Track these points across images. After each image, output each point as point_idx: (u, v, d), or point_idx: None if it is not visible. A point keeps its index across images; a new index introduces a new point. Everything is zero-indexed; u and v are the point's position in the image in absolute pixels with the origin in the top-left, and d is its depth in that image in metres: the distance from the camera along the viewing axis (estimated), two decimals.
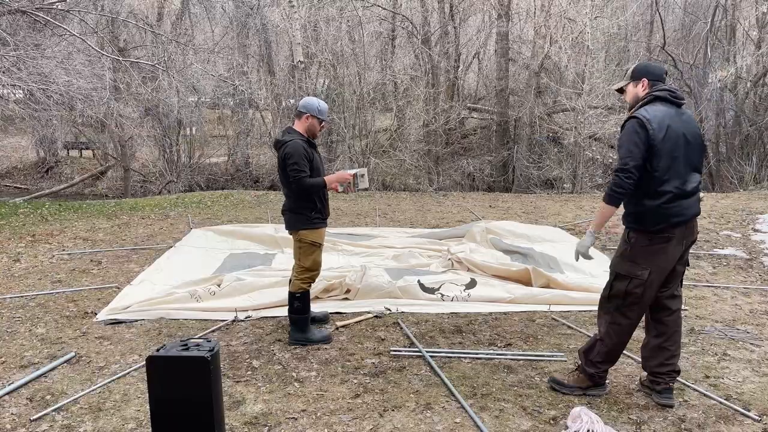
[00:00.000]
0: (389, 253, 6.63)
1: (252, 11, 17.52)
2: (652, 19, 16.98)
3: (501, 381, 3.66)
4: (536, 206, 10.49)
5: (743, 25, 15.85)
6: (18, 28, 10.43)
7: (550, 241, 7.28)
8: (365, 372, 3.79)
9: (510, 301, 5.13)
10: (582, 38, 13.83)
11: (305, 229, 4.18)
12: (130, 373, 3.76)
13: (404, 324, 4.63)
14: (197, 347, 2.77)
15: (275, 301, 4.97)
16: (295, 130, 4.22)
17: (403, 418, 3.21)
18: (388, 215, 9.51)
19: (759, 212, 8.99)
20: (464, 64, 18.38)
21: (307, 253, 4.22)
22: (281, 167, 4.14)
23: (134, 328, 4.54)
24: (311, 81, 15.71)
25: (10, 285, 5.68)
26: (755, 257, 6.72)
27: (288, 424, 3.16)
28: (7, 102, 11.23)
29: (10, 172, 19.19)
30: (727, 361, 3.95)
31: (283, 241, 6.99)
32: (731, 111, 14.81)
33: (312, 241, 4.20)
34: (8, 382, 3.64)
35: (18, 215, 9.34)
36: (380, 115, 15.95)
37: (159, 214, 9.48)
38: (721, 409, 3.30)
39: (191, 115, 16.48)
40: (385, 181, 14.69)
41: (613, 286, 3.33)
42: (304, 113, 4.20)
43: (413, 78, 15.39)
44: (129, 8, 16.43)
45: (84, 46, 11.67)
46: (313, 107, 4.18)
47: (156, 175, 16.44)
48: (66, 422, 3.19)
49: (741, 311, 4.94)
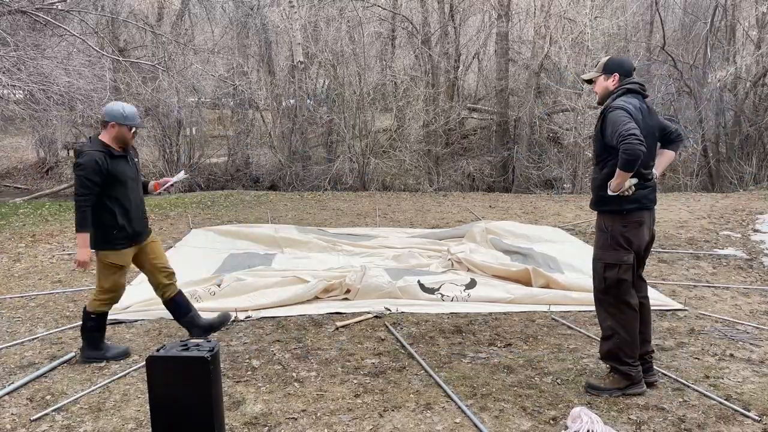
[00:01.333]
0: (389, 254, 6.63)
1: (252, 11, 17.51)
2: (652, 20, 16.97)
3: (501, 381, 3.66)
4: (536, 206, 10.49)
5: (743, 25, 15.84)
6: (18, 28, 10.43)
7: (550, 242, 7.28)
8: (365, 372, 3.79)
9: (510, 301, 5.14)
10: (582, 38, 13.83)
11: (105, 249, 3.81)
12: (130, 373, 3.76)
13: (400, 326, 4.63)
14: (197, 347, 2.78)
15: (275, 302, 4.98)
16: (97, 140, 3.79)
17: (403, 418, 3.21)
18: (388, 215, 9.51)
19: (759, 212, 8.99)
20: (464, 64, 18.37)
21: (106, 273, 3.86)
22: None
23: (134, 328, 4.54)
24: (311, 81, 15.71)
25: (10, 285, 5.68)
26: (755, 257, 6.71)
27: (288, 424, 3.16)
28: (7, 102, 11.23)
29: (10, 172, 19.18)
30: (727, 361, 3.95)
31: (284, 242, 7.00)
32: (731, 111, 14.81)
33: (111, 263, 3.83)
34: (8, 382, 3.64)
35: (18, 215, 9.34)
36: (380, 115, 15.94)
37: (159, 214, 9.47)
38: (721, 409, 3.30)
39: (191, 115, 16.47)
40: (385, 181, 14.69)
41: (606, 278, 3.39)
42: (108, 122, 3.79)
43: (413, 78, 15.39)
44: (129, 8, 16.43)
45: (84, 47, 11.67)
46: (117, 114, 3.76)
47: (156, 175, 16.42)
48: (66, 422, 3.19)
49: (741, 311, 4.94)
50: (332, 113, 15.15)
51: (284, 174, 14.99)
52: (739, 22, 15.72)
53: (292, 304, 5.00)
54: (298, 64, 14.73)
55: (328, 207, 10.33)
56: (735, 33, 15.68)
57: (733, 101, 14.76)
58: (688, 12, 17.25)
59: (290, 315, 4.80)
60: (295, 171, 14.79)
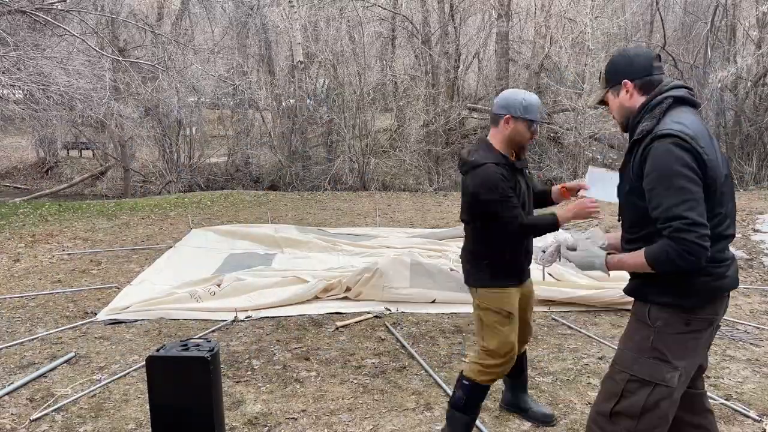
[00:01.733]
0: (389, 254, 6.62)
1: (252, 11, 17.51)
2: (652, 19, 16.99)
3: (501, 381, 3.65)
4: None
5: (743, 25, 15.84)
6: (18, 28, 10.42)
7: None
8: (365, 372, 3.79)
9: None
10: (582, 38, 13.82)
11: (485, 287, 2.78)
12: (130, 373, 3.76)
13: (400, 326, 4.63)
14: (197, 347, 2.78)
15: (275, 302, 4.98)
16: (488, 145, 2.75)
17: (403, 418, 3.21)
18: (388, 215, 9.51)
19: (759, 212, 8.99)
20: (464, 64, 18.36)
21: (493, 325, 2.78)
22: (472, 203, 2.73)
23: (134, 328, 4.54)
24: (311, 81, 15.70)
25: (10, 285, 5.68)
26: (755, 257, 6.71)
27: (288, 424, 3.16)
28: (7, 102, 11.22)
29: (10, 172, 19.19)
30: (727, 361, 3.95)
31: (283, 242, 7.00)
32: (731, 111, 14.80)
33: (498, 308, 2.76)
34: (8, 382, 3.64)
35: (18, 215, 9.34)
36: (380, 115, 15.94)
37: (159, 214, 9.47)
38: (721, 409, 3.30)
39: (191, 115, 16.47)
40: (385, 181, 14.68)
41: (623, 397, 2.08)
42: (503, 115, 2.71)
43: (413, 78, 15.39)
44: (129, 8, 16.41)
45: (84, 47, 11.67)
46: (517, 104, 2.69)
47: (156, 175, 16.43)
48: (66, 422, 3.18)
49: (741, 311, 4.94)
50: (332, 113, 15.14)
51: (284, 174, 14.99)
52: (739, 21, 15.71)
53: (292, 304, 4.99)
54: (298, 63, 14.73)
55: (328, 207, 10.33)
56: (735, 33, 15.68)
57: (733, 101, 14.76)
58: (688, 12, 17.25)
59: (290, 315, 4.80)
60: (295, 171, 14.79)
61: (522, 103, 2.68)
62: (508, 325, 2.75)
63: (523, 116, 2.68)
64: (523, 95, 2.72)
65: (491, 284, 2.76)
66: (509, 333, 2.75)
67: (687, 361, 2.06)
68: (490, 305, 2.75)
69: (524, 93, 2.74)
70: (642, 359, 2.07)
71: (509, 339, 2.75)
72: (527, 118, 2.68)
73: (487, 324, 2.75)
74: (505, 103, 2.71)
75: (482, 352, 2.77)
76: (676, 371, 2.03)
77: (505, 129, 2.71)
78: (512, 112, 2.68)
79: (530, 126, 2.71)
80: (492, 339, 2.74)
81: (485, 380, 2.78)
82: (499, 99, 2.76)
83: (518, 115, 2.68)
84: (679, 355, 2.04)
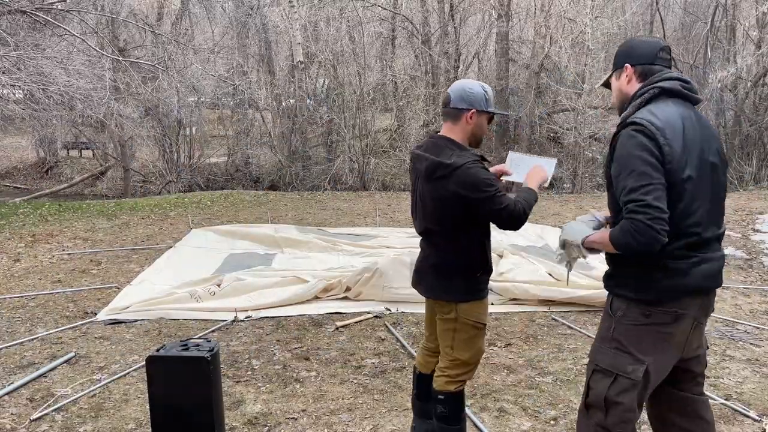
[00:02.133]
0: (389, 254, 6.61)
1: (252, 11, 17.52)
2: (652, 19, 17.00)
3: (501, 381, 3.66)
4: (536, 206, 10.47)
5: (743, 25, 15.84)
6: (18, 28, 10.42)
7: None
8: (365, 372, 3.79)
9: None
10: (582, 38, 13.83)
11: (470, 301, 2.61)
12: (130, 373, 3.76)
13: (400, 326, 4.63)
14: (197, 347, 2.78)
15: (275, 302, 4.98)
16: (454, 143, 2.57)
17: (403, 418, 3.21)
18: (388, 215, 9.51)
19: (759, 212, 8.99)
20: (464, 64, 18.37)
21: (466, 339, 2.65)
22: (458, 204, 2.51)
23: (134, 328, 4.54)
24: (311, 81, 15.71)
25: (10, 285, 5.68)
26: (755, 257, 6.71)
27: (288, 424, 3.16)
28: (7, 102, 11.22)
29: (10, 172, 19.19)
30: (727, 361, 3.95)
31: (283, 241, 7.00)
32: (731, 111, 14.81)
33: (476, 321, 2.64)
34: (8, 382, 3.64)
35: (18, 215, 9.34)
36: (380, 115, 15.95)
37: (159, 214, 9.48)
38: (721, 409, 3.30)
39: (191, 115, 16.48)
40: (385, 180, 14.69)
41: (591, 388, 2.15)
42: (467, 109, 2.57)
43: (413, 78, 15.39)
44: (129, 8, 16.42)
45: (84, 46, 11.67)
46: (480, 97, 2.58)
47: (156, 175, 16.43)
48: (66, 422, 3.19)
49: (741, 311, 4.94)
50: (332, 113, 15.15)
51: (284, 174, 15.00)
52: (739, 21, 15.72)
53: (292, 304, 4.99)
54: (298, 63, 14.73)
55: (328, 207, 10.33)
56: (735, 33, 15.69)
57: (733, 101, 14.77)
58: (688, 12, 17.26)
59: (290, 315, 4.81)
60: (295, 171, 14.80)
61: (485, 96, 2.56)
62: (483, 336, 2.66)
63: (486, 110, 2.57)
64: (482, 87, 2.58)
65: (471, 297, 2.58)
66: (482, 343, 2.67)
67: (654, 356, 2.04)
68: (469, 319, 2.58)
69: (480, 84, 2.60)
70: (604, 348, 2.11)
71: (482, 348, 2.67)
72: (490, 111, 2.58)
73: (462, 338, 2.60)
74: (467, 97, 2.54)
75: (451, 363, 2.63)
76: (640, 364, 2.03)
77: (468, 124, 2.55)
78: (476, 106, 2.54)
79: (491, 119, 2.65)
80: (465, 351, 2.61)
81: (458, 389, 2.65)
82: (457, 92, 2.56)
83: (482, 109, 2.56)
84: (642, 348, 2.03)
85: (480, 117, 2.57)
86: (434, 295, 2.67)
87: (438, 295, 2.65)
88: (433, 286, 2.66)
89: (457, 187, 2.45)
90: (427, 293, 2.71)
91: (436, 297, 2.66)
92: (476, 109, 2.55)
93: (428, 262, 2.66)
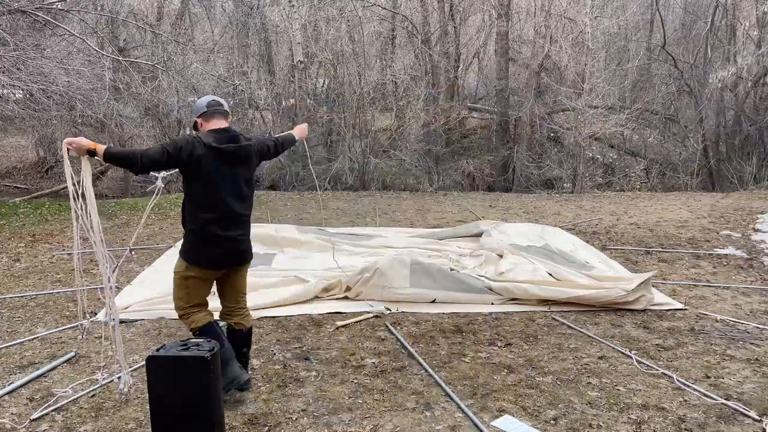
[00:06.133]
0: (389, 253, 6.61)
1: (252, 11, 17.51)
2: (653, 19, 16.98)
3: (501, 381, 3.66)
4: (536, 206, 10.49)
5: (743, 25, 15.84)
6: (18, 28, 10.41)
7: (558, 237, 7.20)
8: (365, 372, 3.78)
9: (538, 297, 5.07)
10: (582, 38, 13.83)
11: None
12: (130, 373, 3.76)
13: (400, 326, 4.63)
14: (197, 347, 2.78)
15: (275, 301, 4.97)
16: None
17: (403, 418, 3.21)
18: (388, 215, 9.51)
19: (759, 212, 8.99)
20: (464, 63, 18.37)
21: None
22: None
23: (134, 328, 4.54)
24: (311, 81, 15.70)
25: (10, 285, 5.68)
26: (755, 257, 6.71)
27: (288, 424, 3.16)
28: (7, 102, 11.21)
29: (10, 172, 19.17)
30: (727, 361, 3.95)
31: (284, 241, 6.99)
32: (731, 110, 14.81)
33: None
34: (8, 382, 3.64)
35: (18, 215, 9.34)
36: (380, 115, 15.94)
37: (159, 214, 9.47)
38: (721, 409, 3.30)
39: (191, 115, 16.49)
40: (385, 180, 14.68)
41: None
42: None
43: (413, 78, 15.38)
44: (129, 8, 16.41)
45: (84, 46, 11.66)
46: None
47: (156, 175, 16.43)
48: (66, 422, 3.18)
49: (741, 311, 4.94)
50: (332, 113, 15.14)
51: (284, 174, 15.00)
52: (739, 21, 15.72)
53: (292, 304, 4.99)
54: (298, 63, 14.72)
55: (328, 207, 10.33)
56: (735, 32, 15.69)
57: (733, 101, 14.78)
58: (688, 11, 17.26)
59: (290, 315, 4.80)
60: (295, 171, 14.79)
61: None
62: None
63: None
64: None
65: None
66: None
67: None
68: None
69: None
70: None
71: None
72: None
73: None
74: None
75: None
76: None
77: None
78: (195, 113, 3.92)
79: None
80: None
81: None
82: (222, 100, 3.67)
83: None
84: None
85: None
86: (248, 259, 3.57)
87: (252, 259, 3.63)
88: (245, 251, 3.51)
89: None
90: (247, 259, 3.54)
91: (249, 261, 3.59)
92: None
93: (243, 226, 3.47)
